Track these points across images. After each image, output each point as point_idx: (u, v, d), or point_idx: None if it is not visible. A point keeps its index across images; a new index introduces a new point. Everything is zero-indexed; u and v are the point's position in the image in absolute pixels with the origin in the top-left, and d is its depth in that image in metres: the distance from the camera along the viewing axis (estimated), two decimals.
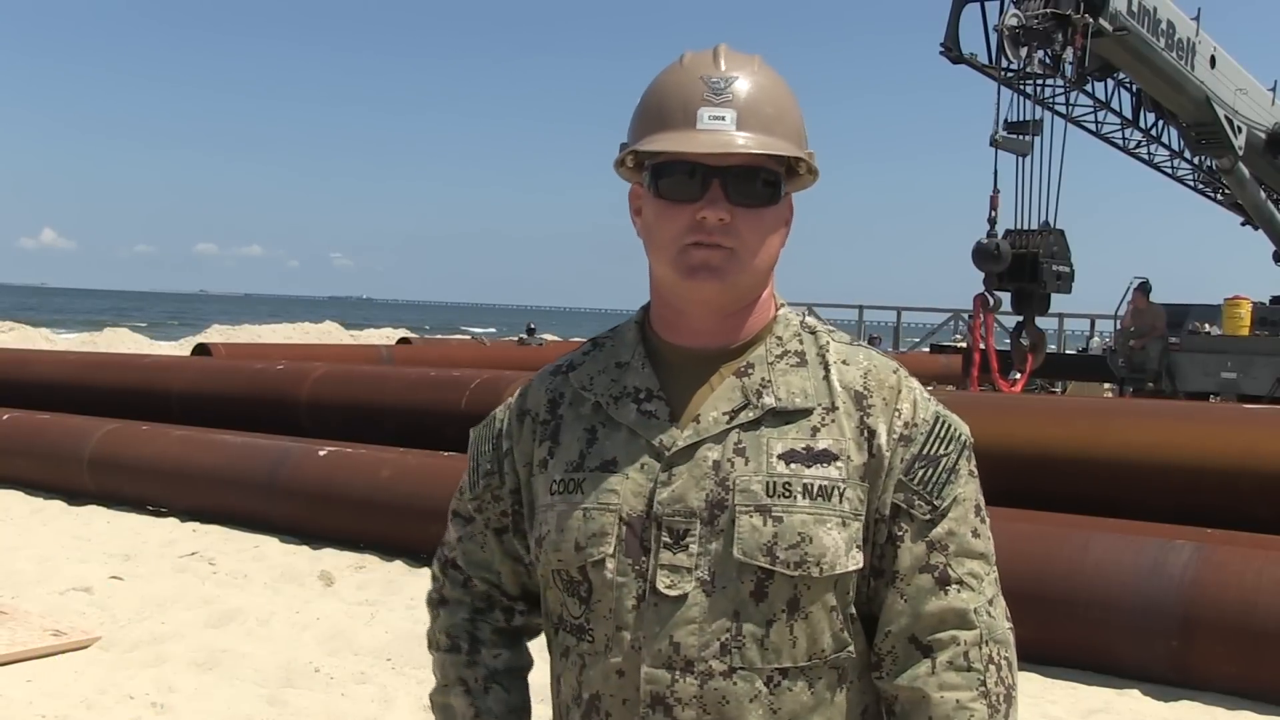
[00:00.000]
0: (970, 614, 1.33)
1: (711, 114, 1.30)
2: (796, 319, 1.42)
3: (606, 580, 1.33)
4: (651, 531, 1.32)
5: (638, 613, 1.31)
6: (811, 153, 1.39)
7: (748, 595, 1.29)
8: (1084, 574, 4.94)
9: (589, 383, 1.41)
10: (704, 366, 1.37)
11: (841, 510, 1.31)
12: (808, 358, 1.38)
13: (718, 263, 1.31)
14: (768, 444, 1.32)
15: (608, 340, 1.46)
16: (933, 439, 1.36)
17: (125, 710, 4.36)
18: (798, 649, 1.31)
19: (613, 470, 1.35)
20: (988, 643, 1.33)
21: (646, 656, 1.30)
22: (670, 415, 1.35)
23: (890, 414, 1.35)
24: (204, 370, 11.03)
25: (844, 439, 1.33)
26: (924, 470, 1.34)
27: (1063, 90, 13.93)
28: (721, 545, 1.30)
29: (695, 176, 1.31)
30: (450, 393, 8.69)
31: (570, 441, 1.39)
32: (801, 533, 1.29)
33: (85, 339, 27.00)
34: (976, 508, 1.38)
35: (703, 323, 1.37)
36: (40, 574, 6.32)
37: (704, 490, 1.31)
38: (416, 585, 6.24)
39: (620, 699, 1.33)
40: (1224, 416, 6.81)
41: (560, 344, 25.60)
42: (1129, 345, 15.09)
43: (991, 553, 1.38)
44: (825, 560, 1.29)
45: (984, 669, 1.32)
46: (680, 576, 1.30)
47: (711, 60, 1.34)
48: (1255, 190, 16.11)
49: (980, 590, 1.34)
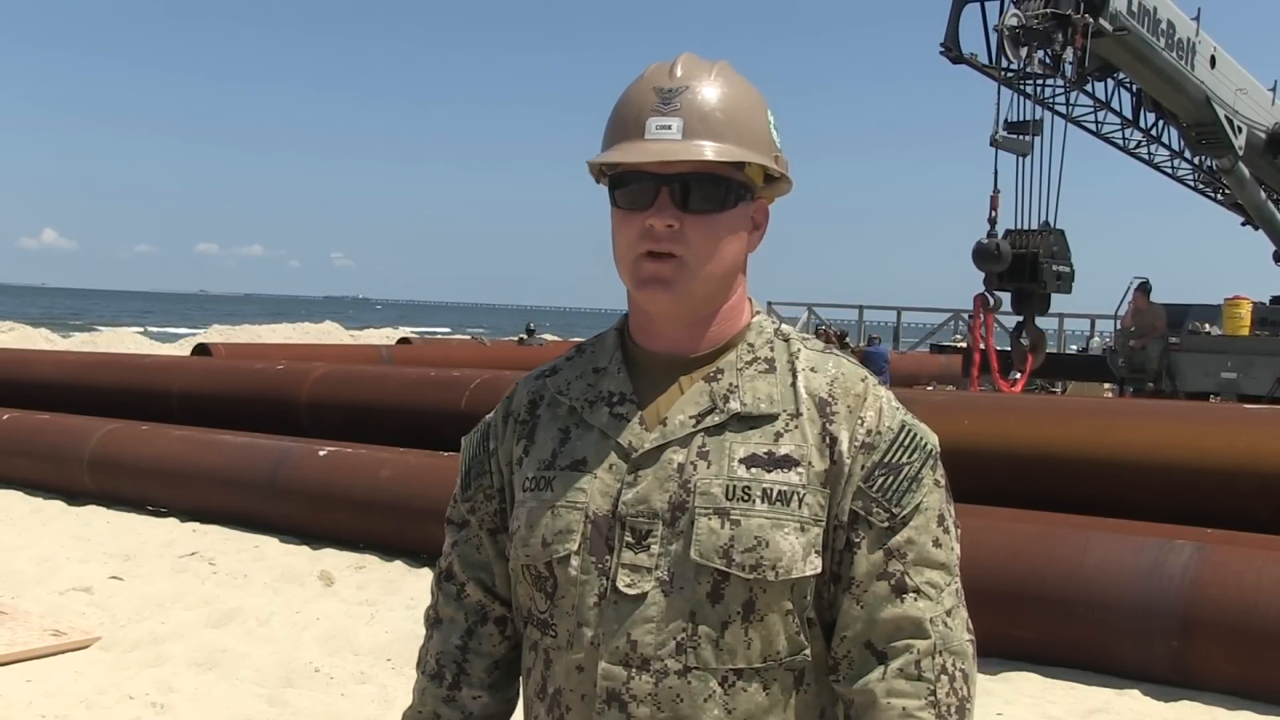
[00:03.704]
0: (925, 623, 1.32)
1: (659, 123, 1.33)
2: (771, 326, 1.44)
3: (570, 577, 1.36)
4: (616, 531, 1.34)
5: (599, 610, 1.34)
6: (780, 156, 1.40)
7: (704, 596, 1.31)
8: (1084, 574, 4.94)
9: (565, 388, 1.45)
10: (674, 371, 1.40)
11: (800, 515, 1.32)
12: (777, 364, 1.39)
13: (667, 275, 1.34)
14: (730, 448, 1.34)
15: (590, 346, 1.50)
16: (895, 447, 1.36)
17: (125, 710, 4.36)
18: (752, 651, 1.32)
19: (583, 470, 1.38)
20: (941, 653, 1.32)
21: (604, 653, 1.33)
22: (640, 418, 1.38)
23: (853, 421, 1.36)
24: (204, 370, 11.03)
25: (806, 445, 1.34)
26: (884, 478, 1.35)
27: (1063, 90, 13.93)
28: (681, 546, 1.32)
29: (646, 185, 1.34)
30: (450, 393, 8.69)
31: (544, 441, 1.43)
32: (758, 536, 1.30)
33: (85, 339, 27.01)
34: (940, 518, 1.37)
35: (668, 329, 1.40)
36: (40, 574, 6.32)
37: (667, 492, 1.33)
38: (416, 585, 6.24)
39: (579, 694, 1.36)
40: (1224, 416, 6.81)
41: (560, 344, 25.61)
42: (1129, 345, 15.08)
43: (954, 564, 1.37)
44: (781, 564, 1.31)
45: (935, 679, 1.31)
46: (640, 576, 1.33)
47: (668, 71, 1.37)
48: (1255, 190, 16.11)
49: (938, 600, 1.34)
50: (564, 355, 1.51)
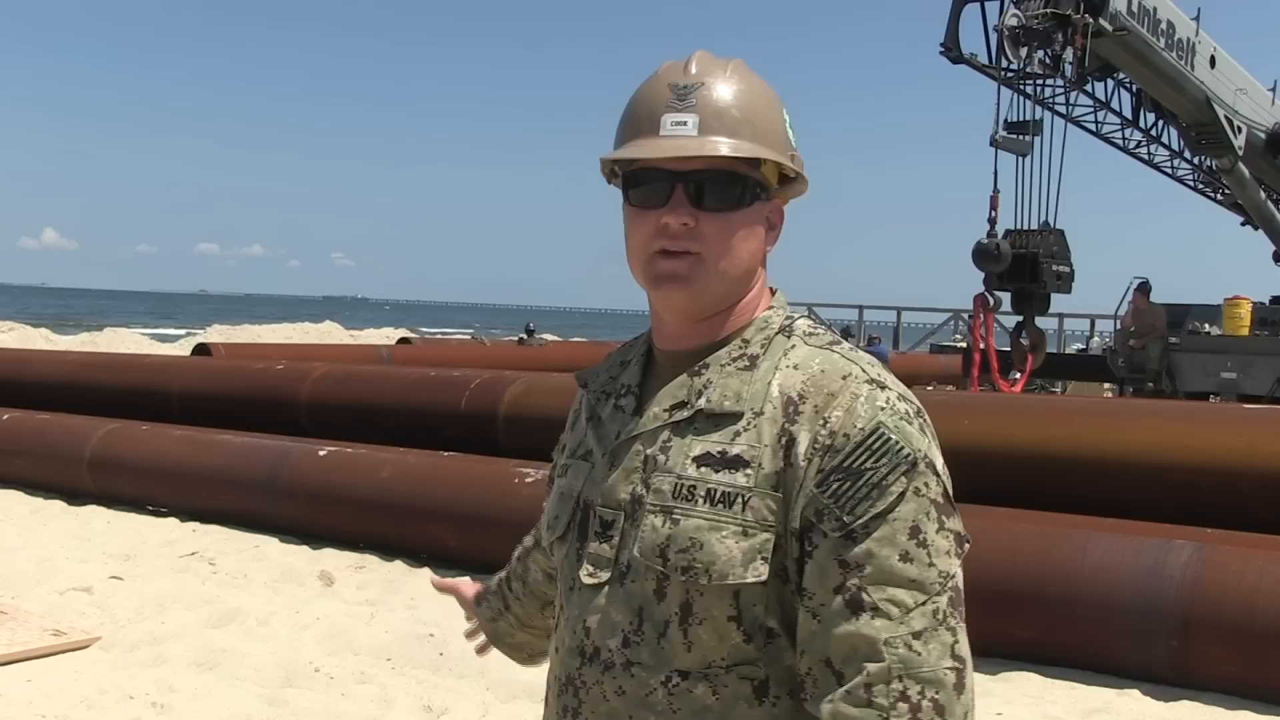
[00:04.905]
0: (880, 644, 1.19)
1: (674, 120, 1.32)
2: (779, 321, 1.39)
3: (560, 563, 1.43)
4: (590, 520, 1.38)
5: (569, 596, 1.39)
6: (795, 155, 1.39)
7: (651, 593, 1.30)
8: (1084, 574, 4.94)
9: (594, 381, 1.50)
10: (678, 367, 1.39)
11: (744, 519, 1.26)
12: (762, 362, 1.33)
13: (684, 271, 1.33)
14: (689, 445, 1.31)
15: (629, 344, 1.53)
16: (860, 451, 1.24)
17: (125, 710, 4.36)
18: (693, 654, 1.28)
19: (585, 459, 1.43)
20: (902, 679, 1.18)
21: (567, 638, 1.37)
22: (635, 409, 1.40)
23: (817, 422, 1.27)
24: (204, 370, 11.03)
25: (759, 445, 1.28)
26: (839, 483, 1.23)
27: (1063, 90, 13.93)
28: (633, 541, 1.33)
29: (661, 182, 1.32)
30: (450, 393, 8.68)
31: (574, 432, 1.51)
32: (693, 538, 1.27)
33: (85, 339, 26.99)
34: (914, 530, 1.22)
35: (677, 327, 1.39)
36: (40, 574, 6.32)
37: (631, 484, 1.34)
38: (416, 585, 6.24)
39: (554, 674, 1.41)
40: (1224, 416, 6.81)
41: (560, 344, 25.61)
42: (1129, 345, 15.09)
43: (932, 581, 1.22)
44: (715, 568, 1.26)
45: (889, 706, 1.18)
46: (600, 567, 1.35)
47: (683, 68, 1.35)
48: (1255, 190, 16.12)
49: (902, 620, 1.19)
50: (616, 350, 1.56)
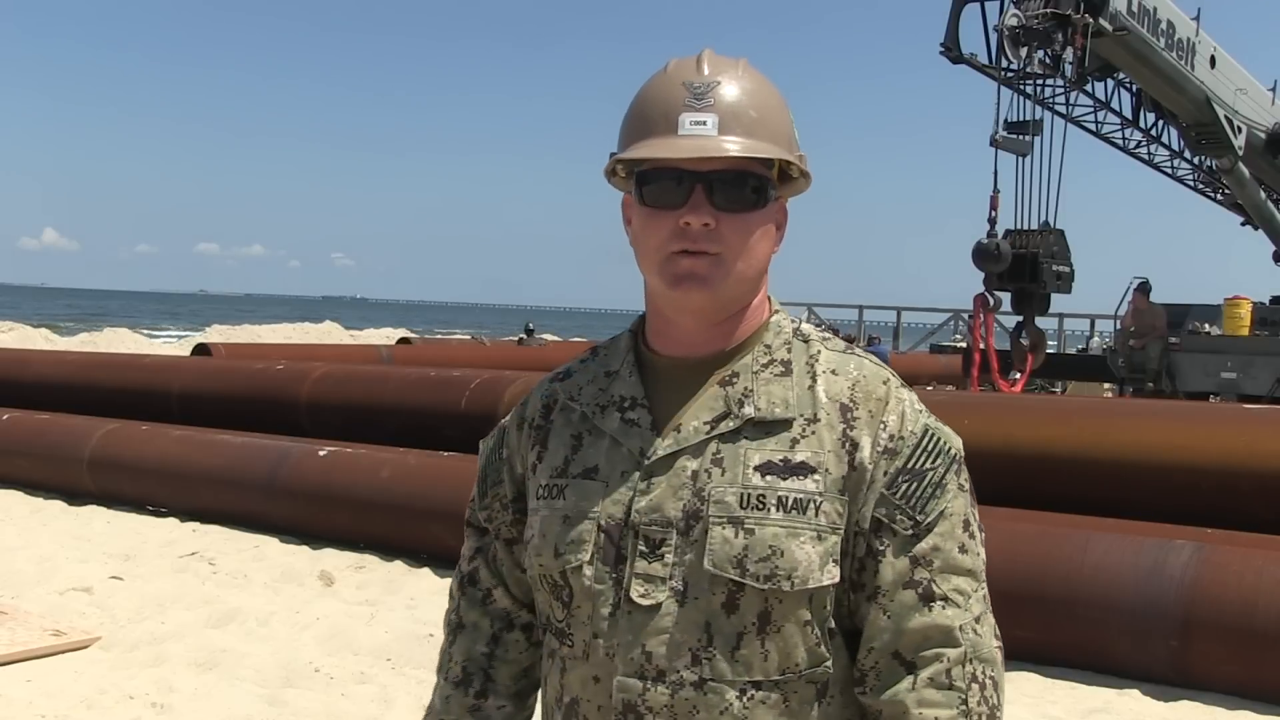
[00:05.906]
0: (955, 631, 1.30)
1: (693, 119, 1.29)
2: (790, 325, 1.40)
3: (585, 587, 1.33)
4: (629, 540, 1.32)
5: (613, 620, 1.32)
6: (803, 155, 1.38)
7: (719, 607, 1.28)
8: (1084, 574, 4.94)
9: (577, 393, 1.42)
10: (691, 375, 1.36)
11: (817, 524, 1.29)
12: (794, 367, 1.35)
13: (704, 271, 1.30)
14: (745, 455, 1.30)
15: (603, 349, 1.47)
16: (919, 452, 1.33)
17: (125, 710, 4.36)
18: (769, 662, 1.29)
19: (594, 477, 1.36)
20: (972, 661, 1.30)
21: (620, 664, 1.31)
22: (653, 424, 1.35)
23: (875, 426, 1.32)
24: (204, 370, 11.02)
25: (823, 451, 1.30)
26: (908, 484, 1.31)
27: (1063, 90, 13.94)
28: (695, 556, 1.29)
29: (678, 183, 1.30)
30: (450, 393, 8.68)
31: (557, 447, 1.41)
32: (773, 546, 1.27)
33: (85, 339, 27.00)
34: (965, 523, 1.33)
35: (691, 331, 1.36)
36: (40, 574, 6.32)
37: (681, 500, 1.30)
38: (416, 585, 6.24)
39: (596, 705, 1.33)
40: (1224, 416, 6.81)
41: (560, 344, 25.59)
42: (1129, 345, 15.09)
43: (980, 569, 1.34)
44: (797, 574, 1.27)
45: (966, 687, 1.29)
46: (654, 586, 1.30)
47: (695, 66, 1.33)
48: (1255, 190, 16.12)
49: (966, 607, 1.31)
50: (578, 358, 1.48)
